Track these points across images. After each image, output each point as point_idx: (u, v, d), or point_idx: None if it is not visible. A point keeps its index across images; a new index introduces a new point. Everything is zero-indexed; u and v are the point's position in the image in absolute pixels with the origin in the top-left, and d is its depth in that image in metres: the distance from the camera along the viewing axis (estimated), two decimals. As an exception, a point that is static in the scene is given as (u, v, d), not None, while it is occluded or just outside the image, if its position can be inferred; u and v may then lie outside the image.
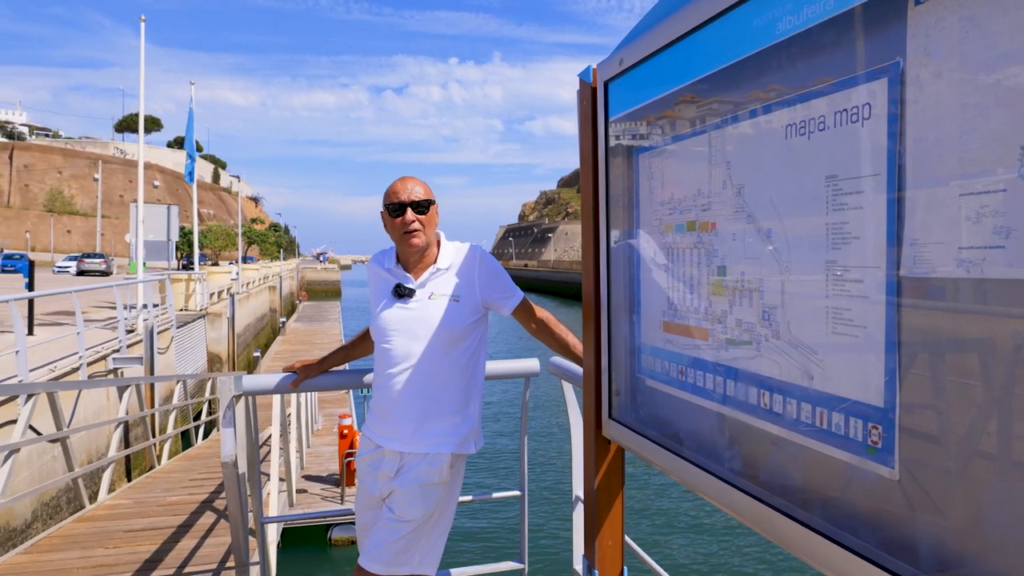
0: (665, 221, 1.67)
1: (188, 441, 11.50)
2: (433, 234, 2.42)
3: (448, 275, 2.37)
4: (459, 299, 2.33)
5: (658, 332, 1.71)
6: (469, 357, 2.35)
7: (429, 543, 2.28)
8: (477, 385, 2.39)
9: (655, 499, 10.77)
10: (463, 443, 2.32)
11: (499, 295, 2.40)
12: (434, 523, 2.27)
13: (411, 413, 2.29)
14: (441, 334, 2.29)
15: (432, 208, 2.40)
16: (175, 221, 16.10)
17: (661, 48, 1.57)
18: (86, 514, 5.65)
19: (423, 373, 2.29)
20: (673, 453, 1.60)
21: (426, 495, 2.24)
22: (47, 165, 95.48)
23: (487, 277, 2.39)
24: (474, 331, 2.37)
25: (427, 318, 2.29)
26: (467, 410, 2.34)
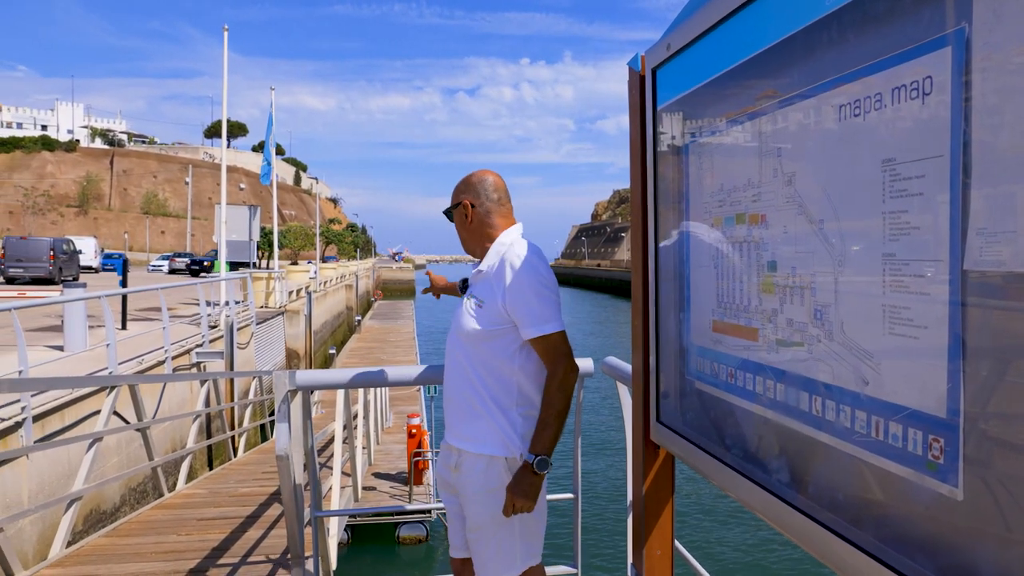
0: (714, 214, 1.58)
1: (265, 435, 11.92)
2: (468, 235, 2.32)
3: (484, 278, 2.25)
4: (483, 304, 2.20)
5: (708, 332, 1.62)
6: (504, 360, 2.19)
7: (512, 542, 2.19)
8: (519, 392, 2.21)
9: (710, 500, 10.44)
10: (510, 446, 2.17)
11: (519, 317, 2.16)
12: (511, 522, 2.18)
13: (452, 408, 2.29)
14: (467, 336, 2.23)
15: (457, 212, 2.31)
16: (256, 222, 16.74)
17: (708, 30, 1.48)
18: (164, 501, 5.92)
19: (459, 371, 2.26)
20: (719, 460, 1.50)
21: (488, 500, 2.16)
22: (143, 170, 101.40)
23: (512, 291, 2.16)
24: (500, 337, 2.19)
25: (459, 318, 2.27)
26: (506, 415, 2.19)
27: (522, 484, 2.07)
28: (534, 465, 2.07)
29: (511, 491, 2.08)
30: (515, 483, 2.08)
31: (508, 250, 2.22)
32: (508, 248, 2.23)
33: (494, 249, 2.25)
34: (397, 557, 8.61)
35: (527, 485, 2.07)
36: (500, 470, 2.14)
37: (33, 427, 6.11)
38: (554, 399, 2.11)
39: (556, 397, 2.11)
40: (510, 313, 2.16)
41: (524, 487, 2.07)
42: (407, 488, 9.02)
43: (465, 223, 2.30)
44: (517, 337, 2.18)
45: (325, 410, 11.87)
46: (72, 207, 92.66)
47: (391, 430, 11.85)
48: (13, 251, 25.17)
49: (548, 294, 2.18)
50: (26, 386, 5.88)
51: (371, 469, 9.51)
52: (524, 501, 2.07)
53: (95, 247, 39.53)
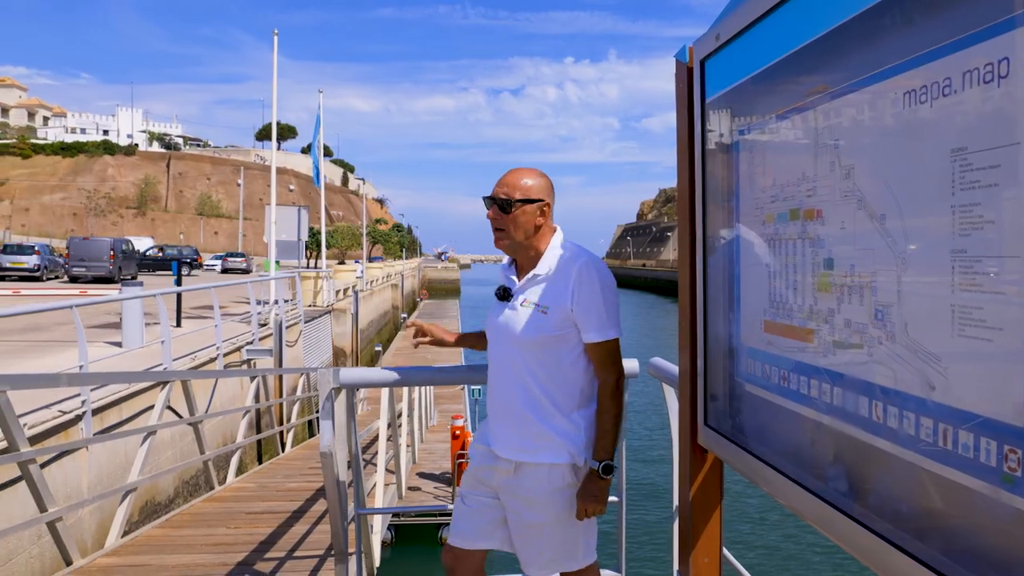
0: (766, 210, 1.51)
1: (312, 431, 12.12)
2: (524, 236, 2.24)
3: (544, 283, 2.21)
4: (547, 311, 2.17)
5: (759, 332, 1.55)
6: (569, 364, 2.20)
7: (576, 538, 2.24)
8: (581, 395, 2.22)
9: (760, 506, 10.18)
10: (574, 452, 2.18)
11: (587, 320, 2.16)
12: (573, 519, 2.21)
13: (507, 419, 2.25)
14: (526, 343, 2.19)
15: (519, 209, 2.21)
16: (305, 222, 17.06)
17: (760, 17, 1.42)
18: (215, 494, 6.06)
19: (515, 380, 2.23)
20: (771, 467, 1.44)
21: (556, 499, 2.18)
22: (198, 172, 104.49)
23: (582, 296, 2.16)
24: (564, 342, 2.20)
25: (515, 324, 2.22)
26: (570, 420, 2.20)
27: (592, 490, 2.14)
28: (600, 470, 2.12)
29: (582, 498, 2.14)
30: (585, 490, 2.15)
31: (572, 255, 2.22)
32: (574, 253, 2.23)
33: (552, 254, 2.24)
34: (439, 558, 8.64)
35: (597, 490, 2.14)
36: (564, 472, 2.17)
37: (92, 420, 6.32)
38: (610, 405, 2.17)
39: (613, 403, 2.17)
40: (576, 316, 2.16)
41: (595, 492, 2.14)
42: (450, 489, 9.05)
43: (530, 222, 2.23)
44: (578, 341, 2.19)
45: (371, 407, 12.01)
46: (131, 208, 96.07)
47: (435, 428, 11.92)
48: (76, 251, 26.21)
49: (615, 301, 2.23)
50: (86, 381, 6.09)
51: (415, 468, 9.57)
52: (596, 505, 2.15)
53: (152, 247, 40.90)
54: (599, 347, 2.17)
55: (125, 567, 4.12)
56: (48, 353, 8.87)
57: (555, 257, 2.23)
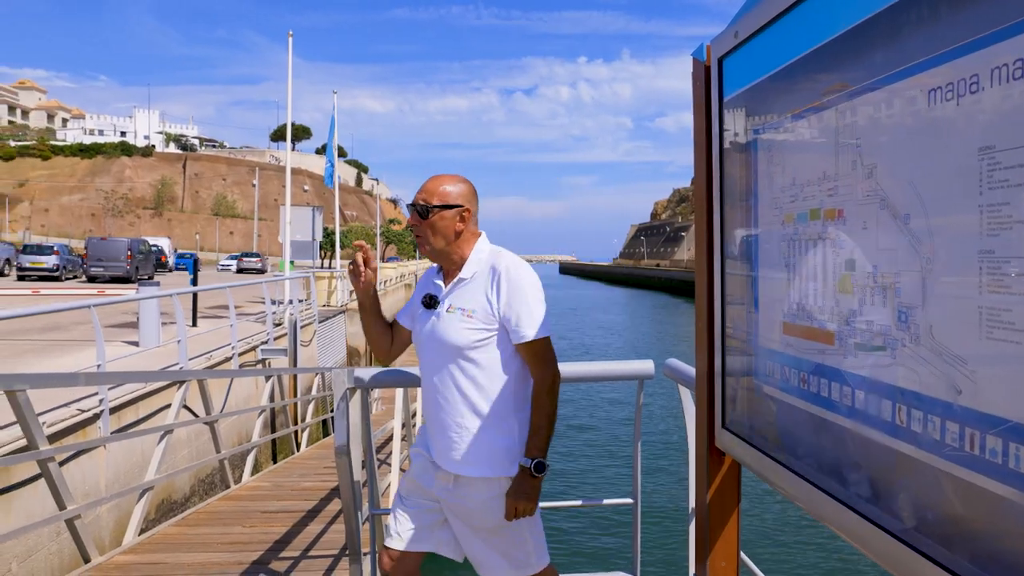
0: (785, 210, 1.49)
1: (327, 430, 12.17)
2: (443, 242, 2.21)
3: (468, 287, 2.20)
4: (472, 314, 2.15)
5: (777, 334, 1.53)
6: (501, 366, 2.17)
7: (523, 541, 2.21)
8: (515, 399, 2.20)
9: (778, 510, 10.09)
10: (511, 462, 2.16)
11: (517, 320, 2.14)
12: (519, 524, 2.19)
13: (443, 429, 2.22)
14: (454, 349, 2.16)
15: (438, 215, 2.18)
16: (319, 222, 17.15)
17: (780, 14, 1.40)
18: (231, 493, 6.10)
19: (445, 389, 2.20)
20: (791, 471, 1.42)
21: (496, 505, 2.16)
22: (213, 173, 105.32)
23: (508, 297, 2.15)
24: (491, 347, 2.17)
25: (442, 331, 2.19)
26: (505, 427, 2.17)
27: (523, 488, 2.11)
28: (532, 469, 2.10)
29: (512, 497, 2.12)
30: (516, 489, 2.12)
31: (497, 258, 2.22)
32: (496, 256, 2.23)
33: (475, 258, 2.23)
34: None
35: (529, 488, 2.11)
36: (503, 483, 2.16)
37: (110, 419, 6.39)
38: (546, 402, 2.15)
39: (548, 399, 2.16)
40: (504, 317, 2.15)
41: (526, 490, 2.11)
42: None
43: (449, 228, 2.21)
44: (507, 344, 2.18)
45: (385, 407, 12.04)
46: (148, 209, 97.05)
47: (449, 428, 11.89)
48: (95, 252, 26.51)
49: (542, 300, 2.22)
50: (104, 380, 6.15)
51: (429, 467, 9.58)
52: (527, 504, 2.12)
53: (169, 247, 41.29)
54: (531, 346, 2.15)
55: (142, 565, 4.15)
56: (67, 352, 8.97)
57: (478, 261, 2.22)
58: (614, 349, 29.66)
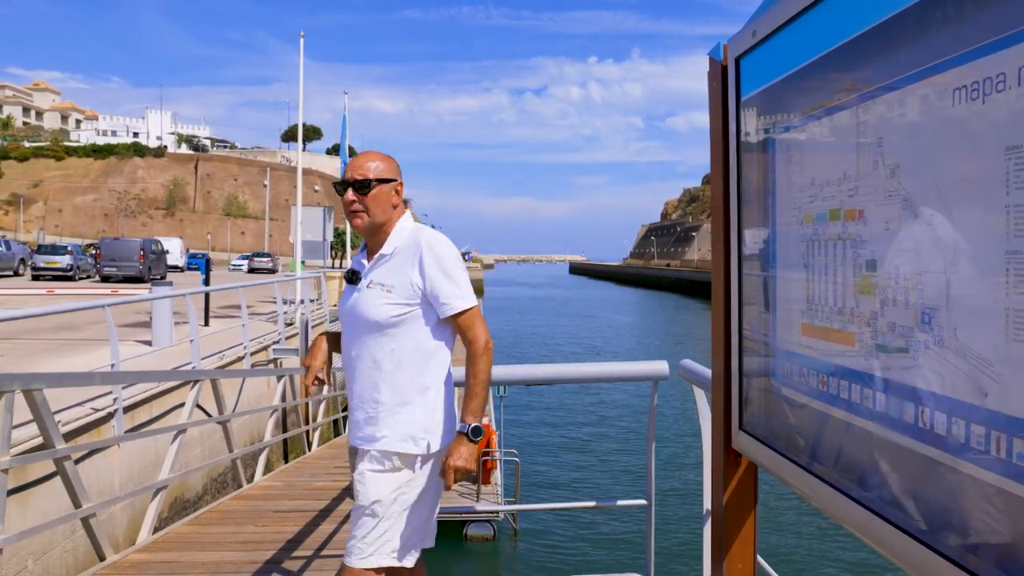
0: (804, 210, 1.48)
1: (338, 430, 12.21)
2: (384, 215, 2.25)
3: (390, 262, 2.23)
4: (392, 289, 2.18)
5: (796, 335, 1.52)
6: (415, 347, 2.20)
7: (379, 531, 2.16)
8: (430, 380, 2.22)
9: (794, 511, 10.03)
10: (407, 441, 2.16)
11: (437, 295, 2.18)
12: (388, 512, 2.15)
13: (357, 404, 2.24)
14: (373, 325, 2.18)
15: (378, 189, 2.23)
16: (330, 222, 17.22)
17: (800, 12, 1.39)
18: (243, 492, 6.12)
19: (364, 364, 2.22)
20: (810, 473, 1.41)
21: (376, 481, 2.16)
22: (225, 173, 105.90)
23: (430, 270, 2.18)
24: (413, 323, 2.19)
25: (362, 306, 2.21)
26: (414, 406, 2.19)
27: (461, 452, 2.11)
28: (469, 433, 2.12)
29: (449, 461, 2.11)
30: (453, 452, 2.12)
31: (418, 233, 2.26)
32: (417, 231, 2.27)
33: (398, 233, 2.27)
34: (465, 555, 8.66)
35: (466, 452, 2.12)
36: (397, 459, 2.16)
37: (124, 418, 6.43)
38: (480, 369, 2.18)
39: (481, 367, 2.18)
40: (430, 293, 2.18)
41: (463, 454, 2.12)
42: (475, 487, 9.06)
43: (387, 201, 2.26)
44: (429, 319, 2.21)
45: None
46: (160, 209, 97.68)
47: (460, 428, 11.90)
48: (108, 251, 26.72)
49: (465, 270, 2.26)
50: (119, 379, 6.20)
51: (440, 467, 9.59)
52: (464, 466, 2.11)
53: (181, 247, 41.53)
54: (464, 316, 2.19)
55: (157, 563, 4.18)
56: (80, 351, 9.05)
57: (400, 236, 2.26)
58: (625, 350, 29.60)
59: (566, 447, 14.24)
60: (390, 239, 2.25)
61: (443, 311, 2.19)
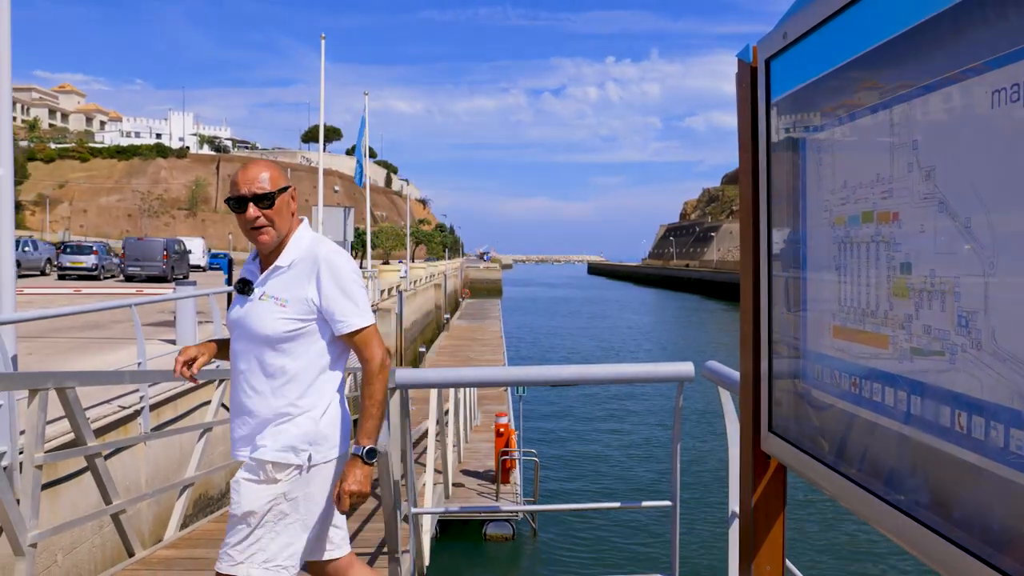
0: (836, 212, 1.47)
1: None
2: (287, 226, 2.18)
3: (286, 275, 2.15)
4: (286, 304, 2.11)
5: (827, 338, 1.52)
6: (306, 362, 2.13)
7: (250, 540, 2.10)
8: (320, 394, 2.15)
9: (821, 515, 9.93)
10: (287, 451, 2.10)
11: (333, 312, 2.12)
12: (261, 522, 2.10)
13: (245, 419, 2.17)
14: (264, 339, 2.12)
15: (280, 199, 2.16)
16: (351, 222, 17.35)
17: (833, 14, 1.38)
18: (267, 490, 6.18)
19: (252, 378, 2.15)
20: (842, 475, 1.41)
21: (251, 491, 2.10)
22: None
23: (327, 287, 2.11)
24: (306, 338, 2.13)
25: (254, 319, 2.14)
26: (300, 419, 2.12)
27: (356, 476, 2.06)
28: (363, 456, 2.07)
29: (344, 486, 2.06)
30: (348, 476, 2.06)
31: (317, 245, 2.18)
32: (316, 243, 2.19)
33: (296, 244, 2.18)
34: (484, 554, 8.69)
35: (361, 476, 2.06)
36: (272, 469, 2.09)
37: (150, 416, 6.53)
38: (375, 390, 2.11)
39: (377, 388, 2.11)
40: (325, 308, 2.12)
41: (358, 478, 2.06)
42: (494, 486, 9.09)
43: (288, 211, 2.19)
44: (323, 334, 2.15)
45: (414, 407, 12.13)
46: (183, 210, 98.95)
47: (479, 428, 11.97)
48: (132, 251, 27.11)
49: (363, 288, 2.20)
50: (147, 378, 6.29)
51: (460, 466, 9.63)
52: (358, 490, 2.06)
53: (203, 247, 42.00)
54: (360, 335, 2.13)
55: (184, 559, 4.24)
56: (106, 350, 9.19)
57: (298, 248, 2.18)
58: (645, 351, 29.49)
59: (585, 448, 14.23)
60: (287, 250, 2.17)
61: (339, 329, 2.12)
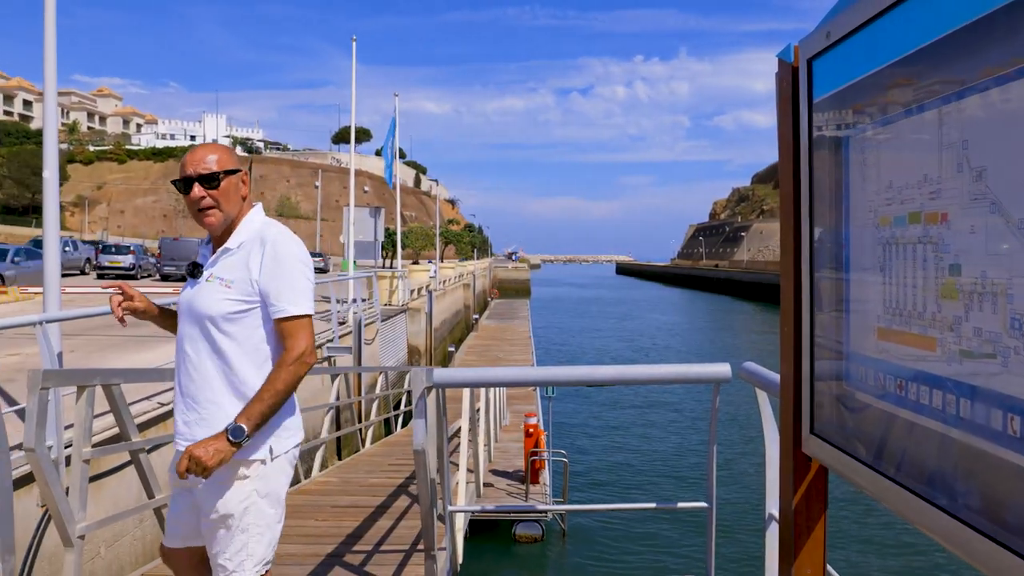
0: (881, 213, 1.46)
1: (389, 428, 12.41)
2: (234, 209, 2.16)
3: (234, 257, 2.14)
4: (231, 285, 2.10)
5: (871, 339, 1.51)
6: (251, 345, 2.11)
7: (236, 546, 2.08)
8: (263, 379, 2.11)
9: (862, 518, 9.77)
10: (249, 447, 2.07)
11: (277, 292, 2.08)
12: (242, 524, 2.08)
13: (190, 403, 2.14)
14: (209, 320, 2.10)
15: (227, 181, 2.13)
16: (381, 223, 17.51)
17: (879, 13, 1.37)
18: (302, 487, 6.29)
19: (198, 361, 2.12)
20: (888, 478, 1.39)
21: (222, 493, 2.07)
22: (278, 175, 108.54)
23: (267, 269, 2.09)
24: (251, 320, 2.10)
25: (200, 301, 2.13)
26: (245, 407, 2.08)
27: (210, 444, 1.95)
28: (229, 432, 1.97)
29: (192, 448, 1.96)
30: (204, 442, 1.97)
31: (267, 228, 2.16)
32: (266, 226, 2.17)
33: (246, 227, 2.17)
34: (513, 554, 8.70)
35: (215, 447, 1.95)
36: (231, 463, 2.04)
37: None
38: (278, 376, 2.04)
39: (282, 375, 2.04)
40: (263, 291, 2.09)
41: (210, 447, 1.95)
42: (523, 487, 9.10)
43: (237, 193, 2.17)
44: (267, 317, 2.11)
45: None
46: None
47: (508, 428, 11.99)
48: (168, 251, 27.69)
49: (311, 275, 2.15)
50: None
51: (489, 466, 9.66)
52: (201, 456, 1.92)
53: (236, 247, 42.64)
54: (291, 321, 2.07)
55: (223, 554, 4.33)
56: (144, 348, 9.40)
57: (248, 230, 2.16)
58: (674, 352, 29.26)
59: (613, 449, 14.18)
60: (236, 233, 2.17)
61: (272, 313, 2.10)
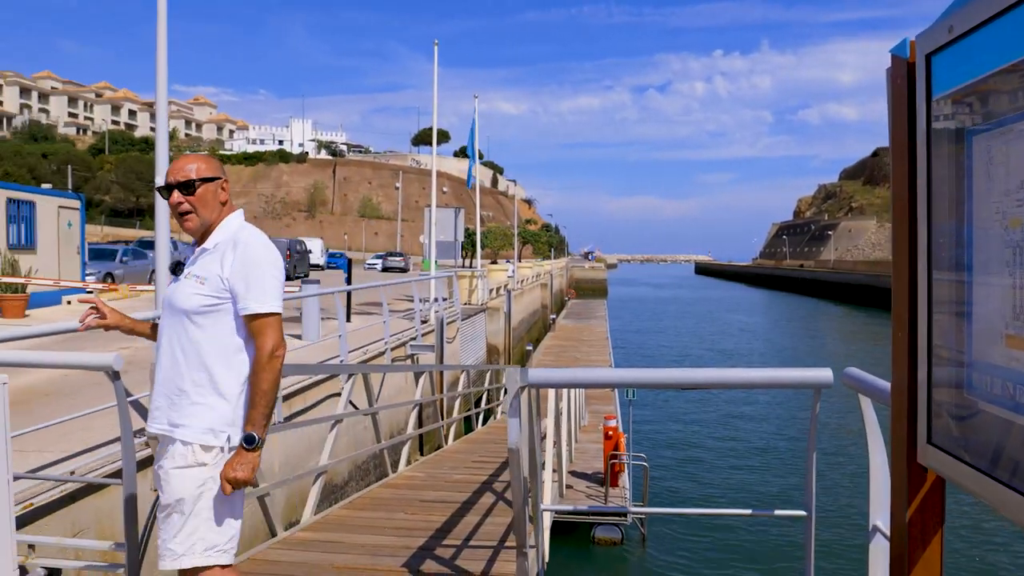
0: (1010, 214, 1.40)
1: (469, 425, 12.60)
2: (212, 213, 2.32)
3: (209, 256, 2.29)
4: (204, 281, 2.24)
5: (998, 347, 1.44)
6: (223, 340, 2.24)
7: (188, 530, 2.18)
8: (235, 375, 2.25)
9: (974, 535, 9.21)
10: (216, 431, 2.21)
11: (245, 289, 2.22)
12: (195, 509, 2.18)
13: (163, 392, 2.28)
14: (182, 313, 2.25)
15: (204, 188, 2.29)
16: (461, 223, 17.79)
17: (1010, 7, 1.31)
18: (389, 481, 6.48)
19: (171, 351, 2.27)
20: (1018, 492, 1.33)
21: (179, 477, 2.19)
22: (360, 177, 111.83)
23: (236, 268, 2.22)
24: (221, 316, 2.24)
25: (177, 296, 2.28)
26: (223, 397, 2.22)
27: (236, 460, 2.15)
28: (243, 442, 2.15)
29: (225, 472, 2.15)
30: (231, 460, 2.16)
31: (241, 231, 2.32)
32: (241, 229, 2.33)
33: (223, 230, 2.33)
34: (593, 557, 8.67)
35: (242, 460, 2.14)
36: (195, 451, 2.18)
37: (282, 407, 6.99)
38: (260, 377, 2.19)
39: (263, 375, 2.19)
40: (232, 288, 2.22)
41: (239, 462, 2.15)
42: (603, 489, 9.06)
43: (215, 199, 2.32)
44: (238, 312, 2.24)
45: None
46: (302, 211, 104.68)
47: (586, 429, 11.96)
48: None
49: (279, 276, 2.28)
50: (288, 372, 6.76)
51: (570, 467, 9.66)
52: (239, 476, 2.13)
53: (321, 247, 44.27)
54: (260, 319, 2.21)
55: (321, 542, 4.53)
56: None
57: (223, 233, 2.32)
58: (758, 355, 28.39)
59: (694, 454, 13.90)
60: (213, 234, 2.34)
61: (239, 310, 2.25)
